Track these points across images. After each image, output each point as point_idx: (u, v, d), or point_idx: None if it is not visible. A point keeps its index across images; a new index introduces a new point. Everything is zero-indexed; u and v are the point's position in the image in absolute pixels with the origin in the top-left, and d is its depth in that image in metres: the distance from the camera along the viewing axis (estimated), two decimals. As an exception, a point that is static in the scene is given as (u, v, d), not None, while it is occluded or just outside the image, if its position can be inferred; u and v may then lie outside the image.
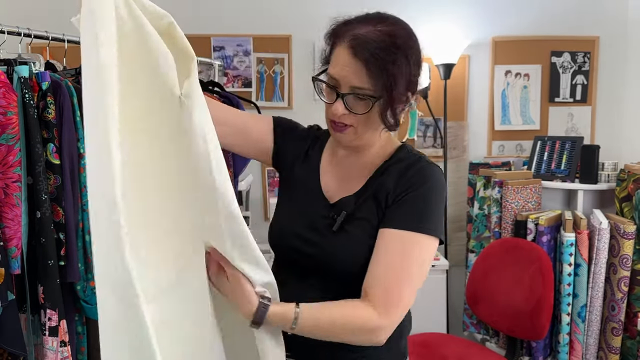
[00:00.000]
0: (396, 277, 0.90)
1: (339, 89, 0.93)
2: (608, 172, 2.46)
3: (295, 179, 1.11)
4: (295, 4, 2.86)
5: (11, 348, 1.35)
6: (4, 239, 1.33)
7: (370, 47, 0.89)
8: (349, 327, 0.90)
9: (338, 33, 0.96)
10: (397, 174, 0.98)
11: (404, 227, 0.92)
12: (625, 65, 2.96)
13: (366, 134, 0.99)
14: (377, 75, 0.89)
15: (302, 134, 1.16)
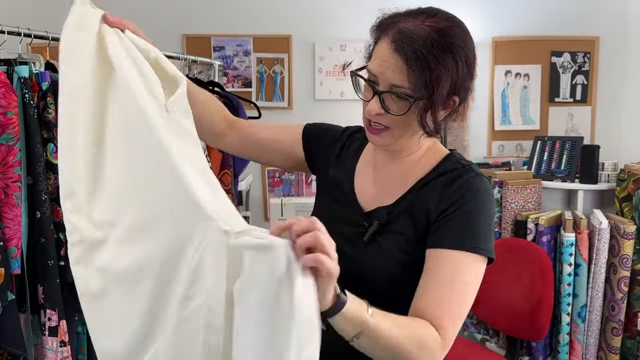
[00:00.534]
0: (449, 299, 0.84)
1: (377, 86, 0.86)
2: (608, 172, 2.46)
3: (328, 182, 1.06)
4: (295, 4, 2.86)
5: (11, 348, 1.35)
6: (4, 239, 1.33)
7: (414, 43, 0.80)
8: (416, 340, 0.79)
9: (383, 26, 0.87)
10: (441, 187, 0.90)
11: (453, 247, 0.85)
12: (625, 65, 2.96)
13: (403, 139, 0.91)
14: (419, 74, 0.80)
15: (333, 138, 1.10)
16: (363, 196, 0.99)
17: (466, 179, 0.89)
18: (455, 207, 0.87)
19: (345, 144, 1.08)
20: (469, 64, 0.85)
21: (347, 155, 1.06)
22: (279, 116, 2.91)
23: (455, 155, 0.96)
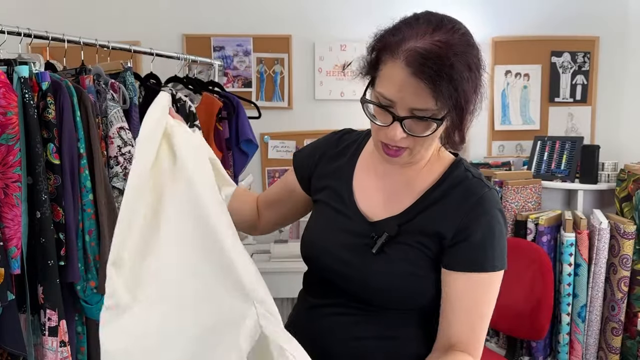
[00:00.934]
0: (476, 320, 0.89)
1: (395, 111, 0.81)
2: (608, 172, 2.46)
3: (326, 191, 1.02)
4: (295, 4, 2.86)
5: (11, 348, 1.35)
6: (3, 239, 1.33)
7: (433, 65, 0.75)
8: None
9: (387, 46, 0.80)
10: (454, 206, 0.88)
11: (475, 270, 0.87)
12: (625, 65, 2.96)
13: (421, 153, 0.89)
14: (445, 95, 0.76)
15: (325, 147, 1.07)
16: (366, 206, 0.96)
17: (481, 200, 0.88)
18: (473, 234, 0.86)
19: (338, 150, 1.05)
20: (482, 67, 0.83)
21: (343, 162, 1.02)
22: (279, 116, 2.91)
23: (463, 163, 0.96)
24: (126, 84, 1.76)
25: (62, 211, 1.45)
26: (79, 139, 1.52)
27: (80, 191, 1.53)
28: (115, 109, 1.67)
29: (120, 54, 1.96)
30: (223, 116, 2.12)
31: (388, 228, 0.90)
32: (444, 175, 0.93)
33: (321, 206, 1.02)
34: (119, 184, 1.69)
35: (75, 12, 2.77)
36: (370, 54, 0.85)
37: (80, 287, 1.54)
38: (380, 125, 0.84)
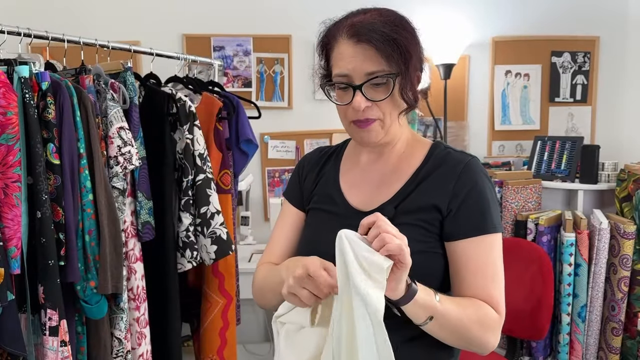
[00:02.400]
0: (489, 283, 0.91)
1: (353, 82, 0.88)
2: (608, 172, 2.46)
3: (317, 199, 1.05)
4: (295, 4, 2.86)
5: (11, 348, 1.35)
6: (3, 239, 1.33)
7: (372, 27, 0.85)
8: (479, 321, 0.87)
9: (330, 35, 0.92)
10: (446, 179, 0.93)
11: (477, 234, 0.91)
12: (625, 65, 2.96)
13: (392, 128, 0.93)
14: (389, 52, 0.85)
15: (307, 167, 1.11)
16: (357, 200, 0.99)
17: (467, 166, 0.93)
18: (468, 197, 0.91)
19: (320, 163, 1.09)
20: (420, 42, 0.92)
21: (327, 168, 1.07)
22: (279, 116, 2.91)
23: (442, 143, 1.01)
24: (126, 84, 1.76)
25: (62, 211, 1.45)
26: (79, 139, 1.52)
27: (80, 191, 1.53)
28: (115, 109, 1.67)
29: (120, 54, 1.96)
30: (223, 116, 2.11)
31: (385, 212, 0.91)
32: (427, 156, 0.98)
33: (313, 212, 1.05)
34: (119, 184, 1.69)
35: (75, 12, 2.77)
36: (321, 53, 0.94)
37: (80, 287, 1.54)
38: (345, 104, 0.90)
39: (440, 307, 0.82)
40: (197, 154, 1.89)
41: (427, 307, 0.81)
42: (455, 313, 0.84)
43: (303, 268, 0.78)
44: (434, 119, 2.90)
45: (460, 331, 0.86)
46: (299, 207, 1.10)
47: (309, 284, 0.78)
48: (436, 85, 2.90)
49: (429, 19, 2.89)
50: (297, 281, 0.78)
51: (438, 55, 2.75)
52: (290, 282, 0.79)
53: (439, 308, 0.82)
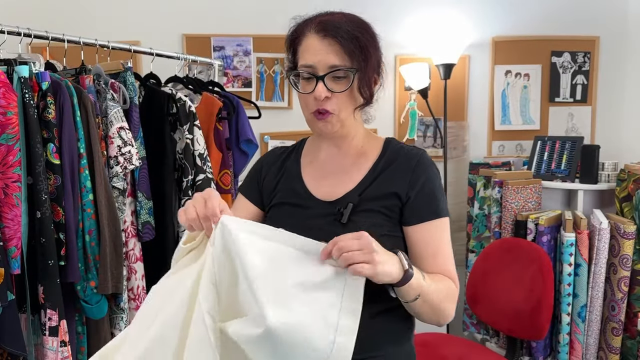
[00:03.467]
0: (446, 261, 1.02)
1: (316, 72, 0.97)
2: (608, 172, 2.46)
3: (281, 194, 1.11)
4: (296, 4, 2.85)
5: (11, 348, 1.35)
6: (3, 239, 1.33)
7: (339, 26, 0.95)
8: (447, 293, 0.99)
9: (299, 30, 1.01)
10: (404, 170, 1.04)
11: (432, 218, 1.02)
12: (625, 65, 2.96)
13: (347, 120, 1.03)
14: (351, 49, 0.95)
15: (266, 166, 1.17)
16: (321, 192, 1.07)
17: (421, 159, 1.05)
18: (423, 186, 1.02)
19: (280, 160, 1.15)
20: (380, 50, 1.02)
21: (288, 164, 1.14)
22: (279, 116, 2.91)
23: (394, 139, 1.13)
24: (126, 84, 1.76)
25: (62, 211, 1.45)
26: (79, 139, 1.52)
27: (80, 191, 1.53)
28: (115, 109, 1.67)
29: (120, 54, 1.96)
30: (223, 116, 2.11)
31: (350, 199, 1.02)
32: (382, 150, 1.09)
33: (278, 207, 1.10)
34: (119, 184, 1.69)
35: (75, 12, 2.77)
36: (290, 47, 1.03)
37: (80, 287, 1.54)
38: (308, 93, 0.98)
39: (425, 286, 0.92)
40: (197, 154, 1.89)
41: (417, 287, 0.91)
42: (434, 289, 0.95)
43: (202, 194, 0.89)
44: (434, 119, 2.90)
45: (437, 305, 0.96)
46: (255, 204, 1.15)
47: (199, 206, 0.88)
48: (436, 85, 2.90)
49: (429, 19, 2.89)
50: (193, 201, 0.89)
51: (438, 55, 2.75)
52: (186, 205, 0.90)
53: (425, 287, 0.92)
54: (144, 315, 0.90)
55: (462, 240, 3.01)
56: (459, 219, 3.03)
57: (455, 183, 3.01)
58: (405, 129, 2.94)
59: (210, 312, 0.85)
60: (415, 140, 2.96)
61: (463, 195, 3.00)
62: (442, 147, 2.93)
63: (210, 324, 0.85)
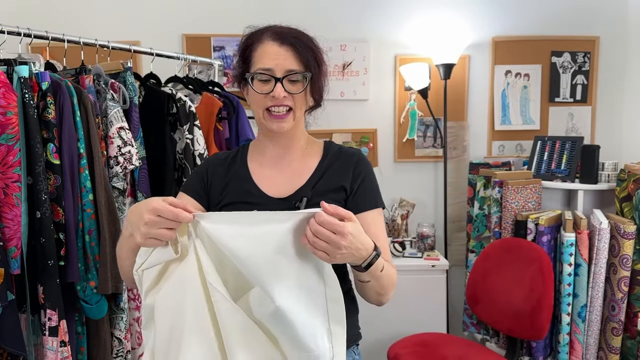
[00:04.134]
0: (383, 245, 1.10)
1: (275, 74, 1.05)
2: (608, 172, 2.45)
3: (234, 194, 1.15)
4: (295, 4, 2.86)
5: (11, 348, 1.35)
6: (3, 239, 1.33)
7: (293, 35, 1.07)
8: (395, 279, 1.08)
9: (254, 38, 1.09)
10: (347, 166, 1.15)
11: (371, 208, 1.13)
12: (625, 65, 2.96)
13: (299, 120, 1.13)
14: (307, 56, 1.06)
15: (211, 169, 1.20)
16: (273, 191, 1.14)
17: (360, 156, 1.18)
18: (363, 179, 1.15)
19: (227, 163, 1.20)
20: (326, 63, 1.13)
21: (236, 167, 1.19)
22: (279, 116, 2.91)
23: (332, 142, 1.24)
24: (126, 84, 1.76)
25: (62, 211, 1.45)
26: (79, 139, 1.52)
27: (80, 191, 1.53)
28: (115, 109, 1.67)
29: (120, 54, 1.96)
30: (223, 116, 2.11)
31: (303, 193, 1.10)
32: (324, 152, 1.19)
33: (232, 206, 1.15)
34: (119, 184, 1.69)
35: (75, 12, 2.77)
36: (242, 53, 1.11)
37: (80, 287, 1.54)
38: (265, 93, 1.06)
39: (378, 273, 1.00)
40: (197, 153, 1.89)
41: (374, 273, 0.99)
42: (386, 274, 1.03)
43: (151, 212, 0.84)
44: (434, 119, 2.90)
45: (384, 287, 1.04)
46: (201, 202, 1.17)
47: (163, 223, 0.84)
48: (436, 85, 2.90)
49: (429, 19, 2.89)
50: (150, 226, 0.84)
51: (438, 55, 2.75)
52: (143, 230, 0.84)
53: (378, 272, 1.00)
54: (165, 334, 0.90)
55: (462, 240, 3.01)
56: (459, 219, 3.03)
57: (455, 183, 3.01)
58: (405, 129, 2.94)
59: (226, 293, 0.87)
60: (416, 140, 2.96)
61: (463, 195, 3.00)
62: (442, 147, 2.93)
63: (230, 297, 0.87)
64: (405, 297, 2.58)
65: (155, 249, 0.88)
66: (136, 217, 0.87)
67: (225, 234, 0.87)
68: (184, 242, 0.89)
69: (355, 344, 1.21)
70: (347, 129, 2.94)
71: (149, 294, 0.91)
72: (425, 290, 2.60)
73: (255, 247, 0.86)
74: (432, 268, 2.60)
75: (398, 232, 2.82)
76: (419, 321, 2.59)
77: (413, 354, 2.19)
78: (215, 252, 0.89)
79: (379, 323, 2.55)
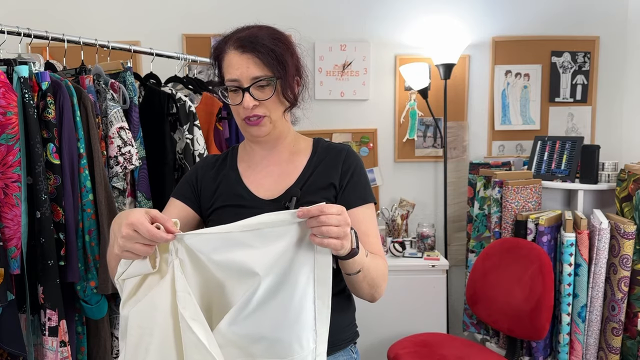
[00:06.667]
0: (374, 240, 1.12)
1: (242, 85, 1.04)
2: (608, 172, 2.45)
3: (224, 197, 1.15)
4: (295, 4, 2.86)
5: (11, 348, 1.35)
6: (3, 239, 1.33)
7: (255, 40, 1.04)
8: (385, 272, 1.09)
9: (220, 48, 1.08)
10: (335, 163, 1.15)
11: (360, 204, 1.13)
12: (625, 65, 2.96)
13: (278, 122, 1.11)
14: (270, 60, 1.03)
15: (201, 172, 1.21)
16: (262, 193, 1.14)
17: (348, 152, 1.17)
18: (352, 174, 1.14)
19: (216, 167, 1.20)
20: (298, 53, 1.10)
21: (225, 170, 1.19)
22: (279, 116, 2.92)
23: (321, 139, 1.23)
24: (126, 84, 1.76)
25: (62, 211, 1.45)
26: (79, 139, 1.52)
27: (80, 191, 1.53)
28: (115, 109, 1.67)
29: (120, 54, 1.96)
30: (223, 116, 2.11)
31: (292, 193, 1.10)
32: (313, 149, 1.18)
33: (221, 210, 1.14)
34: (119, 184, 1.69)
35: (75, 12, 2.77)
36: (214, 63, 1.10)
37: (80, 287, 1.54)
38: (237, 104, 1.07)
39: (367, 262, 1.00)
40: (197, 154, 1.89)
41: (360, 263, 0.98)
42: (374, 266, 1.03)
43: (128, 227, 0.81)
44: (434, 119, 2.90)
45: (375, 280, 1.04)
46: (192, 207, 1.18)
47: (139, 239, 0.82)
48: (436, 85, 2.90)
49: (429, 19, 2.89)
50: (126, 240, 0.82)
51: (438, 55, 2.75)
52: (120, 243, 0.83)
53: (366, 262, 1.00)
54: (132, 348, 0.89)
55: (462, 240, 3.01)
56: (459, 219, 3.03)
57: (455, 183, 3.01)
58: (405, 129, 2.94)
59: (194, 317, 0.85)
60: (416, 140, 2.96)
61: (463, 195, 3.00)
62: (442, 147, 2.93)
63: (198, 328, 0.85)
64: (406, 297, 2.58)
65: (134, 260, 0.87)
66: (116, 227, 0.86)
67: (210, 247, 0.87)
68: (165, 258, 0.88)
69: (353, 343, 1.20)
70: (347, 129, 2.94)
71: (126, 305, 0.90)
72: (425, 290, 2.60)
73: (242, 254, 0.86)
74: (432, 268, 2.60)
75: (398, 232, 2.82)
76: (419, 321, 2.58)
77: (413, 354, 2.19)
78: (200, 269, 0.88)
79: (379, 323, 2.55)
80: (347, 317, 1.19)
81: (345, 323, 1.18)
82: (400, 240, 2.72)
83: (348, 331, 1.19)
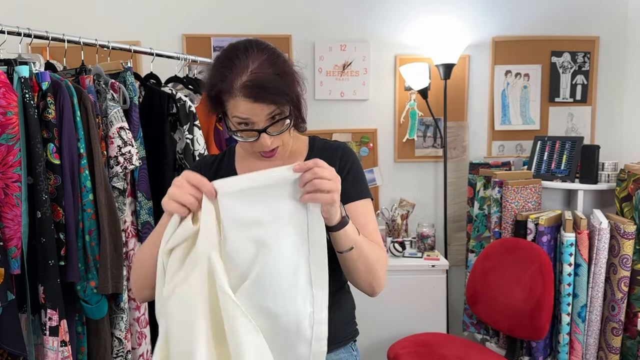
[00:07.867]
0: (373, 232, 1.12)
1: (257, 126, 1.03)
2: (608, 172, 2.46)
3: None
4: (295, 4, 2.86)
5: (11, 348, 1.35)
6: (3, 239, 1.33)
7: (264, 86, 0.99)
8: (384, 258, 1.09)
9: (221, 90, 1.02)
10: (333, 159, 1.16)
11: (358, 198, 1.14)
12: (625, 65, 2.96)
13: (289, 142, 1.15)
14: (282, 102, 1.01)
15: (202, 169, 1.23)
16: None
17: (345, 149, 1.20)
18: (349, 170, 1.16)
19: (214, 167, 1.21)
20: (296, 71, 1.08)
21: (222, 169, 1.20)
22: (279, 116, 2.92)
23: (317, 137, 1.26)
24: (126, 84, 1.76)
25: (62, 211, 1.45)
26: (79, 139, 1.52)
27: (80, 191, 1.53)
28: (115, 109, 1.67)
29: (120, 54, 1.96)
30: (223, 116, 2.11)
31: None
32: (309, 148, 1.21)
33: None
34: (119, 184, 1.69)
35: (76, 12, 2.77)
36: (212, 98, 1.05)
37: (81, 287, 1.54)
38: (251, 141, 1.05)
39: (360, 239, 1.01)
40: (197, 154, 1.89)
41: (351, 237, 0.98)
42: (368, 247, 1.03)
43: (182, 177, 0.91)
44: (434, 119, 2.90)
45: (371, 264, 1.03)
46: None
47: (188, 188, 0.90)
48: (436, 85, 2.90)
49: (429, 19, 2.89)
50: (177, 187, 0.90)
51: (438, 55, 2.75)
52: (171, 191, 0.91)
53: (359, 240, 1.00)
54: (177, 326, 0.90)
55: (462, 240, 3.01)
56: (459, 219, 3.03)
57: (455, 183, 3.01)
58: (405, 129, 2.94)
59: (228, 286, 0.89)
60: (416, 140, 2.96)
61: (463, 195, 3.00)
62: (442, 147, 2.93)
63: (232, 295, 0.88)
64: (405, 297, 2.58)
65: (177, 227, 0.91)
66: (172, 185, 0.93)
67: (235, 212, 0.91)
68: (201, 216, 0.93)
69: (353, 340, 1.21)
70: (347, 129, 2.94)
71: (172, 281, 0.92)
72: (425, 290, 2.60)
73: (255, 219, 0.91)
74: (432, 268, 2.60)
75: (398, 232, 2.82)
76: (419, 321, 2.59)
77: (413, 354, 2.19)
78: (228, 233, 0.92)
79: (379, 323, 2.55)
80: (347, 315, 1.20)
81: (345, 320, 1.19)
82: (400, 240, 2.72)
83: (348, 328, 1.20)
